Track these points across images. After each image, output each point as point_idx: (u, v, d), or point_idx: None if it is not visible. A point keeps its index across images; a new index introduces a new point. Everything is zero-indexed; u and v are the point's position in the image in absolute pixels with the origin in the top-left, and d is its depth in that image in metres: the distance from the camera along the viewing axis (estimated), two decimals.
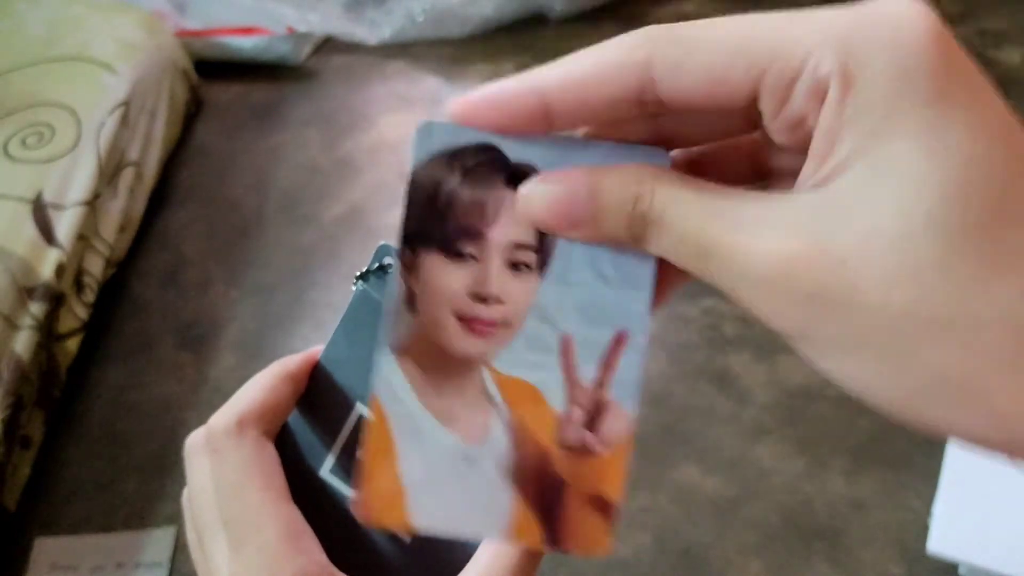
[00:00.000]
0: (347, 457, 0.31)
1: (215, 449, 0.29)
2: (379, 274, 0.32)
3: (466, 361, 0.25)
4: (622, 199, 0.22)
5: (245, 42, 1.30)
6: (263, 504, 0.27)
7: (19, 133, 0.96)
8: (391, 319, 0.25)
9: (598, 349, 0.25)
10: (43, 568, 0.78)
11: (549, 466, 0.25)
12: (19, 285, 0.83)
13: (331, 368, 0.31)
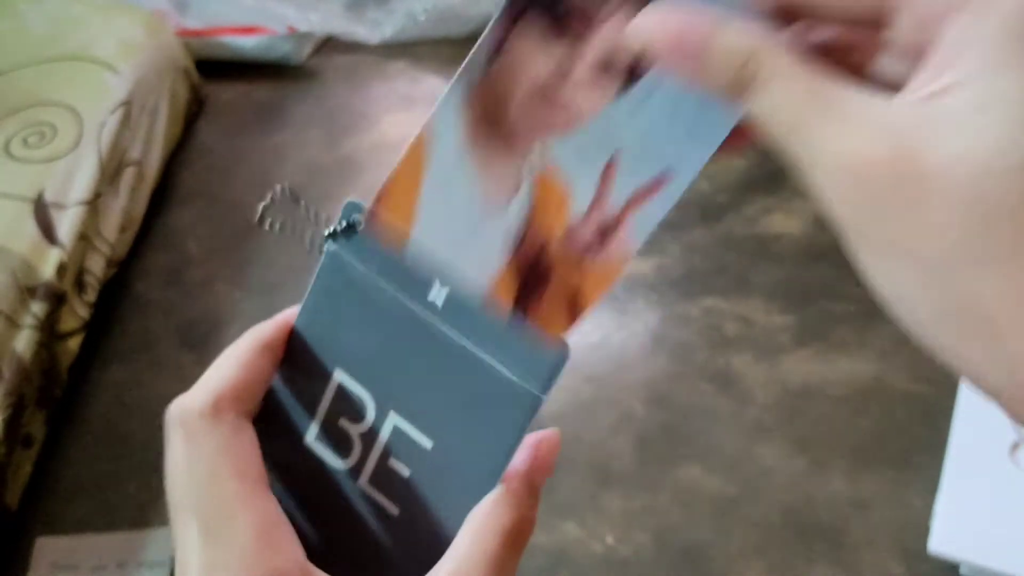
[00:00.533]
0: (330, 426, 0.30)
1: (190, 433, 0.28)
2: (348, 233, 0.31)
3: (519, 133, 0.25)
4: (738, 50, 0.21)
5: (246, 41, 1.30)
6: (237, 495, 0.26)
7: (21, 132, 0.97)
8: (474, 60, 0.25)
9: (639, 179, 0.25)
10: (44, 568, 0.78)
11: (545, 255, 0.26)
12: (20, 284, 0.83)
13: (306, 334, 0.31)
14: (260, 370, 0.30)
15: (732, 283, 0.91)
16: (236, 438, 0.28)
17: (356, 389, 0.30)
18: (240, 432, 0.28)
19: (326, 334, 0.30)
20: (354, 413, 0.30)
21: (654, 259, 0.95)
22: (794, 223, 0.95)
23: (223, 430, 0.28)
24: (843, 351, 0.83)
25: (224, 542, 0.26)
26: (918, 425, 0.77)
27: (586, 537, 0.74)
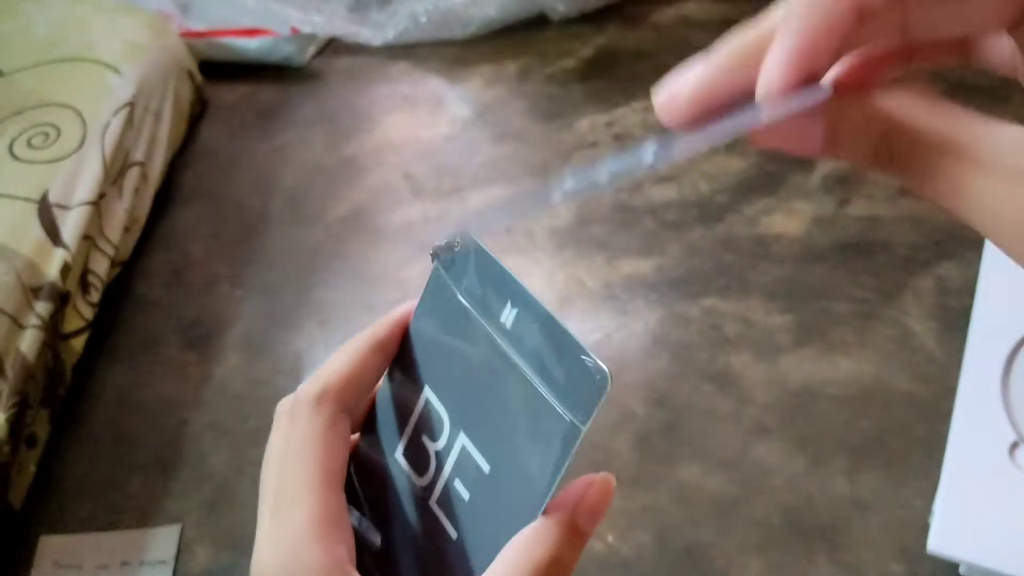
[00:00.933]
0: (415, 440, 0.31)
1: (293, 415, 0.29)
2: (447, 251, 0.31)
3: None
4: (866, 126, 0.20)
5: (250, 43, 1.30)
6: (309, 483, 0.28)
7: (25, 133, 0.97)
8: None
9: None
10: (48, 566, 0.78)
11: None
12: (25, 285, 0.84)
13: (414, 343, 0.32)
14: (370, 368, 0.31)
15: (732, 283, 0.91)
16: (330, 430, 0.29)
17: (437, 406, 0.30)
18: (335, 425, 0.29)
19: (426, 347, 0.31)
20: (433, 431, 0.30)
21: (654, 259, 0.95)
22: (794, 223, 0.95)
23: (320, 420, 0.29)
24: (843, 351, 0.83)
25: (282, 523, 0.27)
26: (918, 425, 0.77)
27: None
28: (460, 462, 0.29)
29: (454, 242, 0.30)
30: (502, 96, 1.21)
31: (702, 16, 1.28)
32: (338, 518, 0.28)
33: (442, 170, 1.11)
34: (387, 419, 0.32)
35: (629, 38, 1.26)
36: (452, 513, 0.29)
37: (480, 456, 0.28)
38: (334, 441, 0.29)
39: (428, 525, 0.30)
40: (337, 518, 0.28)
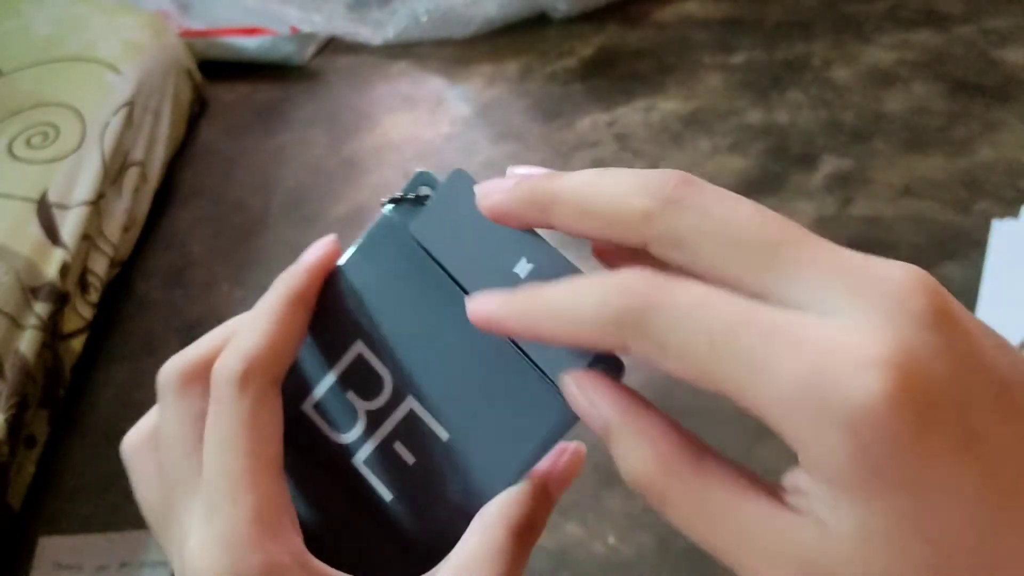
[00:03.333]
0: (334, 396, 0.29)
1: (216, 399, 0.27)
2: (414, 204, 0.29)
3: None
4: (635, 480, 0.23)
5: (249, 42, 1.30)
6: (245, 473, 0.25)
7: (24, 133, 0.97)
8: None
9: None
10: (47, 567, 0.78)
11: None
12: (24, 285, 0.83)
13: (339, 293, 0.29)
14: (294, 330, 0.28)
15: None
16: (260, 411, 0.26)
17: (376, 365, 0.28)
18: (264, 404, 0.27)
19: (359, 300, 0.29)
20: (366, 389, 0.28)
21: None
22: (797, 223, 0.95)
23: (247, 403, 0.26)
24: None
25: (223, 521, 0.25)
26: None
27: (588, 537, 0.74)
28: (405, 426, 0.28)
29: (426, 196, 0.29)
30: (503, 95, 1.21)
31: (704, 15, 1.28)
32: (284, 506, 0.26)
33: (443, 169, 1.10)
34: (297, 371, 0.29)
35: (630, 37, 1.26)
36: (387, 475, 0.28)
37: (436, 423, 0.27)
38: (266, 421, 0.26)
39: (351, 483, 0.28)
40: (283, 506, 0.26)
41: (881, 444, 0.18)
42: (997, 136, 1.00)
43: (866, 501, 0.18)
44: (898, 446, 0.18)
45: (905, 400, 0.18)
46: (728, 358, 0.19)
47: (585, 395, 0.24)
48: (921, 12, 1.20)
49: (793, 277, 0.20)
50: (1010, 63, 1.10)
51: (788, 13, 1.25)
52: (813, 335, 0.19)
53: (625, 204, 0.22)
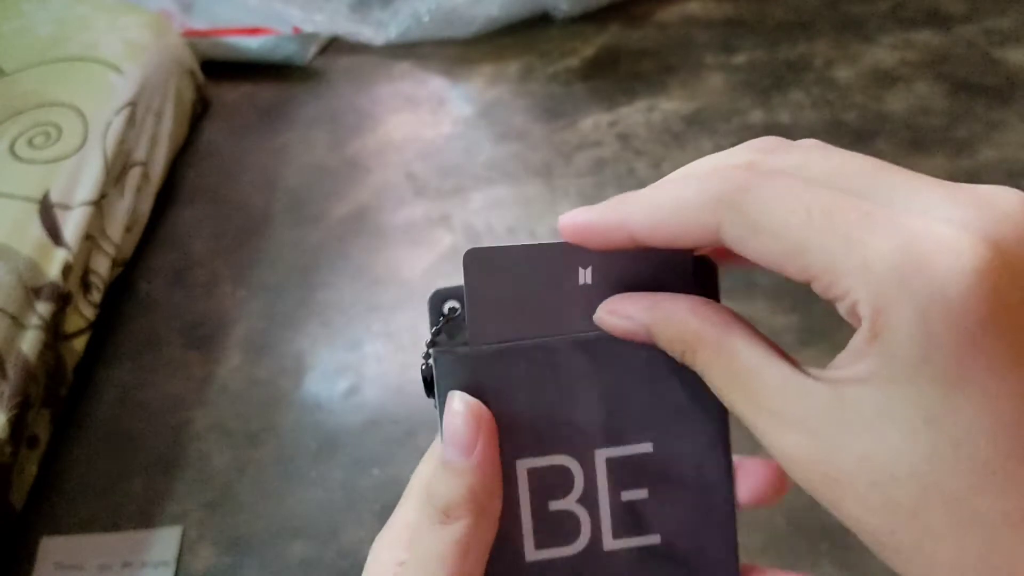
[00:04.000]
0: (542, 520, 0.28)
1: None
2: (451, 328, 0.27)
3: None
4: (672, 338, 0.25)
5: (251, 42, 1.30)
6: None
7: (26, 133, 0.97)
8: None
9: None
10: (49, 567, 0.78)
11: None
12: (26, 285, 0.83)
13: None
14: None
15: (736, 284, 0.90)
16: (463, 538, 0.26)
17: (545, 463, 0.27)
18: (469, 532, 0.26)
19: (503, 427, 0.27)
20: (559, 487, 0.27)
21: None
22: None
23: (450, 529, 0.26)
24: None
25: None
26: None
27: None
28: (614, 474, 0.27)
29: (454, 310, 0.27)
30: (505, 95, 1.21)
31: (705, 15, 1.28)
32: None
33: (445, 169, 1.11)
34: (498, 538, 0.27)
35: (632, 37, 1.26)
36: (641, 524, 0.27)
37: (633, 446, 0.27)
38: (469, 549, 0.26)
39: (615, 565, 0.27)
40: None
41: (948, 329, 0.18)
42: (999, 136, 1.00)
43: (907, 379, 0.19)
44: (961, 335, 0.18)
45: (988, 285, 0.18)
46: (826, 231, 0.20)
47: (620, 316, 0.25)
48: (923, 12, 1.20)
49: (899, 192, 0.20)
50: (1012, 63, 1.10)
51: (790, 13, 1.25)
52: (909, 221, 0.19)
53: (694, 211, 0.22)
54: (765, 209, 0.21)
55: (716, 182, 0.21)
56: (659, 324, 0.25)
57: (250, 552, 0.78)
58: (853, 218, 0.20)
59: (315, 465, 0.83)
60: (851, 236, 0.19)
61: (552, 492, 0.27)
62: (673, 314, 0.24)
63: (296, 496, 0.81)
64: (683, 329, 0.24)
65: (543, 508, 0.27)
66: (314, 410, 0.87)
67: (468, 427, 0.25)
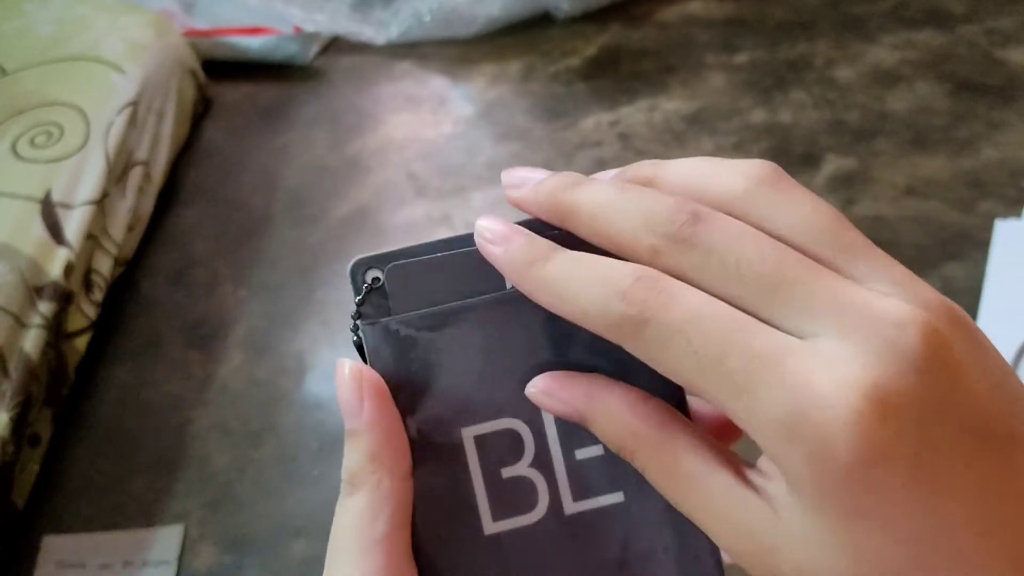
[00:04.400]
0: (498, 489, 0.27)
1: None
2: (374, 299, 0.26)
3: None
4: (612, 439, 0.25)
5: (253, 42, 1.30)
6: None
7: (28, 132, 0.97)
8: None
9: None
10: (51, 566, 0.78)
11: None
12: (28, 284, 0.84)
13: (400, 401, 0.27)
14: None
15: None
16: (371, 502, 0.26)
17: (491, 428, 0.26)
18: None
19: (429, 409, 0.26)
20: (510, 453, 0.26)
21: None
22: None
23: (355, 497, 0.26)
24: None
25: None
26: None
27: None
28: (564, 432, 0.26)
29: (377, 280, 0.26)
30: (506, 95, 1.21)
31: (707, 15, 1.28)
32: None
33: (446, 169, 1.11)
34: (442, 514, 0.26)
35: (633, 37, 1.26)
36: (601, 482, 0.26)
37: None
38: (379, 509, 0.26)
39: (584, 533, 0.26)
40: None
41: (835, 475, 0.20)
42: (1001, 136, 1.00)
43: (816, 511, 0.21)
44: (849, 479, 0.20)
45: (864, 434, 0.20)
46: (713, 378, 0.21)
47: (555, 400, 0.26)
48: (924, 12, 1.19)
49: (791, 309, 0.22)
50: (1014, 63, 1.10)
51: (791, 13, 1.25)
52: (793, 365, 0.21)
53: (634, 240, 0.23)
54: (661, 346, 0.22)
55: (615, 301, 0.22)
56: (596, 418, 0.25)
57: (251, 551, 0.78)
58: (740, 366, 0.21)
59: (316, 464, 0.83)
60: (738, 387, 0.21)
61: (503, 459, 0.26)
62: (611, 410, 0.25)
63: (297, 495, 0.81)
64: (621, 428, 0.24)
65: (496, 477, 0.26)
66: (315, 409, 0.88)
67: (352, 390, 0.25)
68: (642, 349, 0.22)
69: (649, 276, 0.22)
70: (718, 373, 0.21)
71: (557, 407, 0.26)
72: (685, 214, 0.23)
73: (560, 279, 0.24)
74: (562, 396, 0.25)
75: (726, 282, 0.22)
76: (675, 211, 0.23)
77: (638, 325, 0.22)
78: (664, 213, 0.23)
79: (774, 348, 0.21)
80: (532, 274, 0.24)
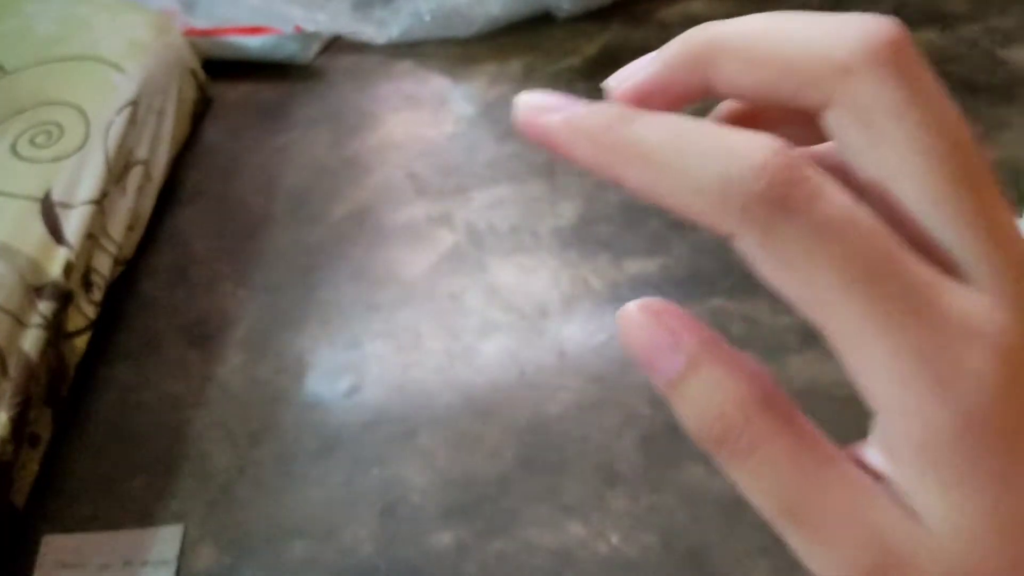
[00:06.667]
0: None
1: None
2: None
3: None
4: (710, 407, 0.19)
5: (253, 41, 1.30)
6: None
7: (28, 132, 0.97)
8: None
9: None
10: (51, 565, 0.78)
11: None
12: (28, 284, 0.83)
13: None
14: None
15: (738, 283, 0.90)
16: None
17: None
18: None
19: None
20: None
21: (659, 259, 0.95)
22: None
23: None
24: None
25: None
26: None
27: (591, 537, 0.74)
28: None
29: None
30: (506, 94, 1.20)
31: (707, 14, 1.27)
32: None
33: (446, 169, 1.11)
34: None
35: (634, 36, 1.26)
36: None
37: None
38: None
39: None
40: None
41: (990, 432, 0.17)
42: (1002, 136, 0.99)
43: (955, 488, 0.17)
44: (1006, 438, 0.17)
45: (1018, 390, 0.17)
46: (858, 301, 0.17)
47: (662, 323, 0.20)
48: (926, 12, 1.19)
49: (963, 227, 0.18)
50: (1015, 62, 1.09)
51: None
52: (952, 305, 0.17)
53: (820, 51, 0.18)
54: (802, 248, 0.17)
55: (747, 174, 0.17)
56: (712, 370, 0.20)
57: (251, 551, 0.78)
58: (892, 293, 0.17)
59: (315, 464, 0.83)
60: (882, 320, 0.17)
61: None
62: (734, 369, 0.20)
63: (296, 495, 0.81)
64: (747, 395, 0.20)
65: None
66: (314, 409, 0.87)
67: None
68: (771, 248, 0.17)
69: (791, 153, 0.17)
70: (870, 298, 0.17)
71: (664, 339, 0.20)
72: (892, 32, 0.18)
73: (662, 143, 0.18)
74: (677, 326, 0.20)
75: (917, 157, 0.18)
76: (879, 24, 0.18)
77: (778, 215, 0.17)
78: (864, 26, 0.18)
79: (930, 283, 0.17)
80: (617, 136, 0.19)
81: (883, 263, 0.17)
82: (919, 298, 0.17)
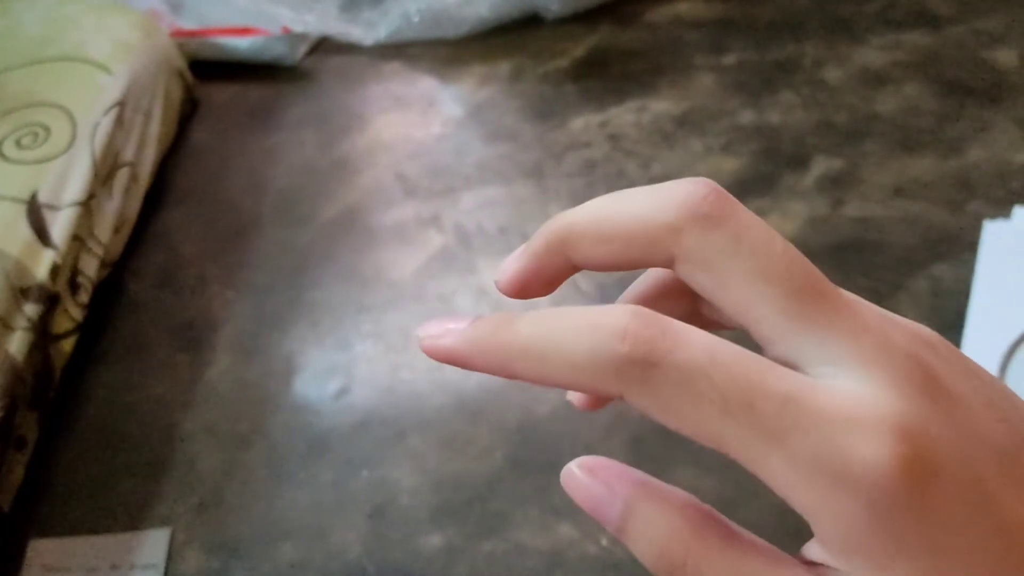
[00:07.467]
0: None
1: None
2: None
3: None
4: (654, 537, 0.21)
5: (241, 42, 1.30)
6: None
7: (14, 133, 0.96)
8: None
9: None
10: (37, 570, 0.78)
11: None
12: (13, 286, 0.83)
13: None
14: None
15: None
16: None
17: None
18: None
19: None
20: None
21: None
22: (788, 224, 0.95)
23: None
24: None
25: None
26: None
27: (581, 538, 0.74)
28: None
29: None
30: (495, 96, 1.20)
31: (695, 16, 1.28)
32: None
33: (435, 170, 1.10)
34: None
35: (622, 38, 1.26)
36: None
37: None
38: None
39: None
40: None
41: (898, 510, 0.18)
42: (989, 137, 1.00)
43: (889, 567, 0.18)
44: (915, 511, 0.18)
45: (918, 466, 0.18)
46: (742, 425, 0.19)
47: (599, 477, 0.22)
48: (913, 13, 1.20)
49: (813, 333, 0.20)
50: (1002, 64, 1.10)
51: (780, 14, 1.25)
52: (824, 403, 0.19)
53: (651, 219, 0.21)
54: (677, 391, 0.19)
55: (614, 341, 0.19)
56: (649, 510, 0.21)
57: (239, 554, 0.77)
58: (772, 410, 0.19)
59: (304, 466, 0.83)
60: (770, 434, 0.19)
61: None
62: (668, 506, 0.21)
63: (285, 498, 0.81)
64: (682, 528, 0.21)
65: None
66: (304, 411, 0.87)
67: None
68: (651, 398, 0.19)
69: (646, 314, 0.19)
70: (748, 420, 0.19)
71: (603, 495, 0.22)
72: (706, 189, 0.21)
73: (536, 336, 0.20)
74: (613, 480, 0.22)
75: (756, 282, 0.20)
76: (694, 185, 0.21)
77: (647, 369, 0.19)
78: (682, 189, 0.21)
79: (802, 387, 0.19)
80: (500, 340, 0.21)
81: (751, 386, 0.19)
82: (795, 406, 0.19)
